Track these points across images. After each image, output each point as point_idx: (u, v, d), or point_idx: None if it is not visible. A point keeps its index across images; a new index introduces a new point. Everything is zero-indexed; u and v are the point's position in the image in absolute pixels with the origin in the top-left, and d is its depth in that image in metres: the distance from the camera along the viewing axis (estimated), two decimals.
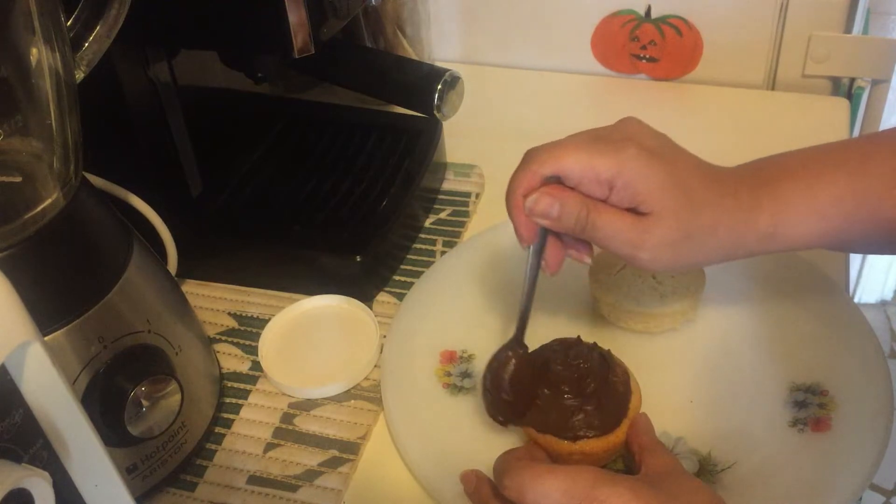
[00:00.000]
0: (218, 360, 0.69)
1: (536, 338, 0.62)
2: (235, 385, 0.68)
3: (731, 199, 0.54)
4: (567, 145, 0.54)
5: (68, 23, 0.55)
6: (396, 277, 0.76)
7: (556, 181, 0.55)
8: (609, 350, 0.61)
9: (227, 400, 0.67)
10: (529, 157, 0.56)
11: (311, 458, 0.63)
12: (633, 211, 0.54)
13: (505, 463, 0.50)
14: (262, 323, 0.72)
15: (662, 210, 0.53)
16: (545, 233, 0.57)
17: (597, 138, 0.54)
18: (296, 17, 0.61)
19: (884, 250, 0.57)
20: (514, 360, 0.58)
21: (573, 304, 0.71)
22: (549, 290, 0.72)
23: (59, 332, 0.52)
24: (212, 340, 0.71)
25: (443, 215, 0.82)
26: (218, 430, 0.65)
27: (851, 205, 0.54)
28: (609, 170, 0.53)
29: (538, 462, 0.52)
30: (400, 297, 0.74)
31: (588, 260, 0.59)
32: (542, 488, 0.46)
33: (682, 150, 0.56)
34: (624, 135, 0.55)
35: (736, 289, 0.70)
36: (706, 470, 0.58)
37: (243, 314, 0.74)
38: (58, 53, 0.51)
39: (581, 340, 0.60)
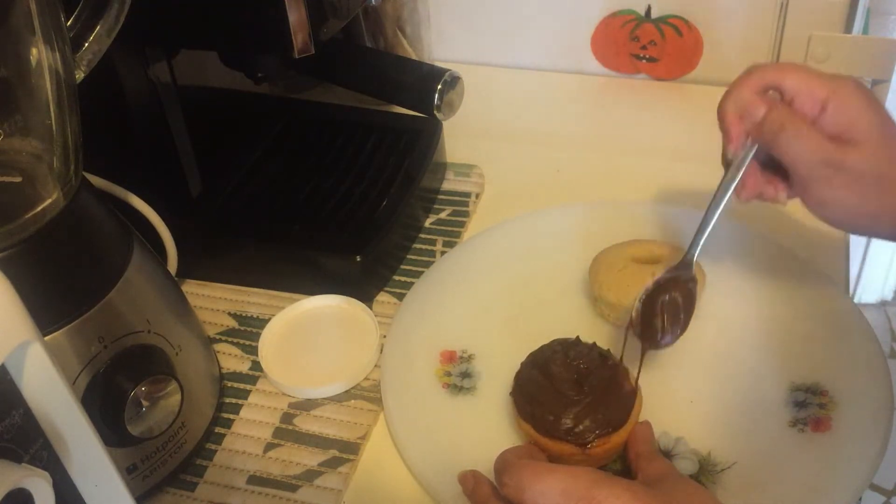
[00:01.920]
0: (218, 360, 0.69)
1: (537, 338, 0.62)
2: (235, 385, 0.68)
3: None
4: (789, 63, 0.57)
5: (68, 23, 0.55)
6: (396, 277, 0.76)
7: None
8: (609, 350, 0.61)
9: (227, 400, 0.67)
10: (752, 69, 0.58)
11: (311, 458, 0.63)
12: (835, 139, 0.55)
13: (505, 461, 0.50)
14: (262, 323, 0.72)
15: (867, 140, 0.54)
16: (749, 153, 0.58)
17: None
18: (296, 17, 0.61)
19: None
20: (673, 287, 0.59)
21: (573, 304, 0.71)
22: (549, 290, 0.73)
23: (59, 332, 0.52)
24: (212, 340, 0.71)
25: (443, 215, 0.82)
26: (218, 430, 0.65)
27: None
28: (826, 89, 0.55)
29: (538, 461, 0.52)
30: (400, 297, 0.74)
31: (783, 197, 0.59)
32: (541, 487, 0.46)
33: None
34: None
35: (736, 288, 0.70)
36: (706, 470, 0.58)
37: (243, 314, 0.74)
38: (58, 53, 0.51)
39: (581, 340, 0.61)
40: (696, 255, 0.60)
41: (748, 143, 0.58)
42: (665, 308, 0.58)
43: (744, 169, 0.58)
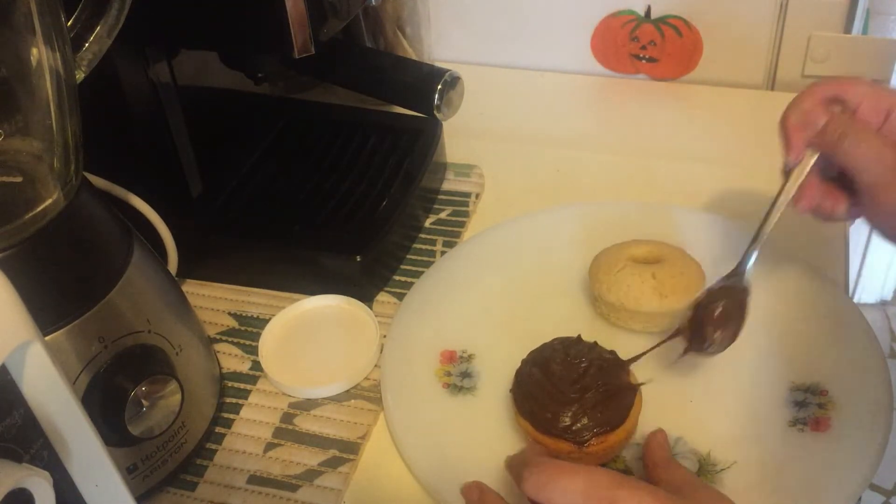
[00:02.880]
0: (218, 360, 0.69)
1: (536, 338, 0.62)
2: (235, 385, 0.68)
3: None
4: (853, 77, 0.58)
5: (68, 23, 0.55)
6: (396, 277, 0.76)
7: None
8: (613, 351, 0.61)
9: (227, 400, 0.67)
10: (815, 83, 0.58)
11: (311, 457, 0.63)
12: None
13: (525, 457, 0.50)
14: (262, 323, 0.72)
15: None
16: (810, 162, 0.58)
17: None
18: (296, 17, 0.61)
19: None
20: (723, 299, 0.58)
21: (573, 304, 0.71)
22: (549, 290, 0.73)
23: (59, 332, 0.52)
24: (212, 340, 0.71)
25: (443, 215, 0.82)
26: (218, 430, 0.65)
27: None
28: (890, 99, 0.55)
29: (559, 460, 0.52)
30: (400, 297, 0.74)
31: (842, 212, 0.58)
32: (563, 484, 0.45)
33: None
34: None
35: None
36: (706, 470, 0.58)
37: (243, 314, 0.74)
38: (58, 53, 0.51)
39: (581, 339, 0.61)
40: (750, 264, 0.60)
41: (808, 153, 0.58)
42: (717, 317, 0.58)
43: (802, 178, 0.58)
